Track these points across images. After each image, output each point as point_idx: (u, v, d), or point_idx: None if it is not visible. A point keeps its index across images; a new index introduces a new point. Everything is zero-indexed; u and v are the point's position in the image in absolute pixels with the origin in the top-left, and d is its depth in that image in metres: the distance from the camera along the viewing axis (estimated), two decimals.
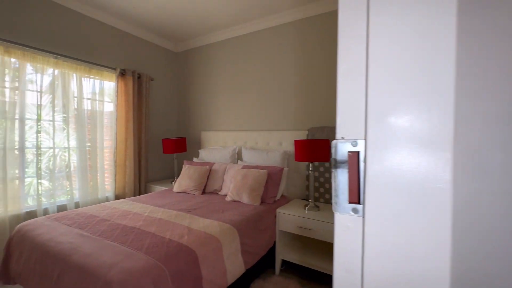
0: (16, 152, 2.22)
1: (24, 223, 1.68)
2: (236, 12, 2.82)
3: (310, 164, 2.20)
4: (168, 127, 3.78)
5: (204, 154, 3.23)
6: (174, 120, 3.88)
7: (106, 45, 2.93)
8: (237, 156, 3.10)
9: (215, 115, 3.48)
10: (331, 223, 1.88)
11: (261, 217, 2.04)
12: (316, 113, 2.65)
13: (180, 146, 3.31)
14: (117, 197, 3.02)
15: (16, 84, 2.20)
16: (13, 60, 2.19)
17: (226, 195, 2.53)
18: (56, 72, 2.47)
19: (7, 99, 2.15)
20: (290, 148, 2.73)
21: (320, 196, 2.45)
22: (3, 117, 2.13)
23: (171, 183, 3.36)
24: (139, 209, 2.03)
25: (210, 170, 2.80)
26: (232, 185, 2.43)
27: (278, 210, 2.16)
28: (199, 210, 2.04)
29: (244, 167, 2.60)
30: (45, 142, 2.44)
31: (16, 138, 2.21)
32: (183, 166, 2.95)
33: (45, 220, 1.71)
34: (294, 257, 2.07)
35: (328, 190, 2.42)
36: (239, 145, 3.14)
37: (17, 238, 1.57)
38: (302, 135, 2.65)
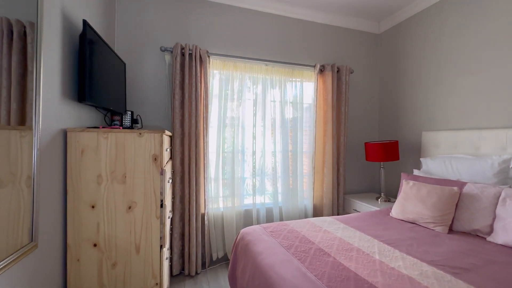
0: (240, 154, 2.47)
1: (246, 230, 1.65)
2: None
3: None
4: (370, 128, 3.05)
5: (434, 166, 2.14)
6: (377, 119, 3.07)
7: (304, 43, 2.74)
8: None
9: (448, 105, 2.26)
10: None
11: None
12: None
13: (390, 153, 2.45)
14: (315, 207, 2.73)
15: (240, 96, 2.45)
16: (239, 74, 2.46)
17: (511, 248, 1.36)
18: (266, 78, 2.55)
19: (234, 110, 2.43)
20: None
21: None
22: (231, 125, 2.42)
23: (377, 200, 2.58)
24: (359, 241, 1.45)
25: (460, 194, 1.71)
26: None
27: None
28: (474, 275, 1.10)
29: None
30: (258, 145, 2.58)
31: (240, 142, 2.46)
32: (403, 181, 2.07)
33: (262, 232, 1.58)
34: None
35: None
36: None
37: (241, 247, 1.52)
38: None
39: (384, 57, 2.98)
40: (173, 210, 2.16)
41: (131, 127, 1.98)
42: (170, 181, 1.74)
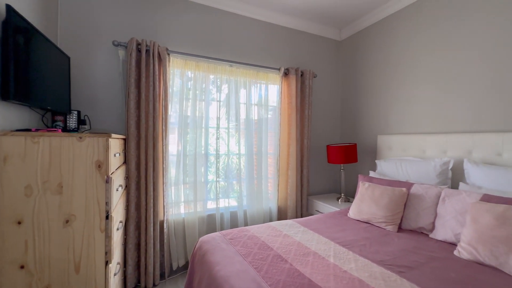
0: (203, 157, 2.37)
1: (204, 238, 1.58)
2: None
3: None
4: (332, 131, 3.16)
5: (387, 168, 2.28)
6: (339, 122, 3.20)
7: (269, 45, 2.75)
8: (451, 175, 1.92)
9: (400, 111, 2.44)
10: None
11: None
12: None
13: (349, 155, 2.57)
14: (279, 209, 2.74)
15: (203, 97, 2.36)
16: (202, 74, 2.36)
17: (450, 244, 1.49)
18: (230, 80, 2.50)
19: (197, 111, 2.33)
20: None
21: None
22: (194, 127, 2.32)
23: (337, 200, 2.69)
24: (316, 244, 1.47)
25: (408, 195, 1.84)
26: (469, 232, 1.35)
27: None
28: (418, 272, 1.18)
29: (488, 198, 1.43)
30: (222, 147, 2.51)
31: (203, 144, 2.37)
32: (360, 183, 2.17)
33: (221, 240, 1.52)
34: None
35: None
36: (455, 156, 1.93)
37: (199, 257, 1.45)
38: None
39: (345, 63, 3.12)
40: (127, 219, 1.99)
41: (76, 129, 1.77)
42: (121, 188, 1.59)
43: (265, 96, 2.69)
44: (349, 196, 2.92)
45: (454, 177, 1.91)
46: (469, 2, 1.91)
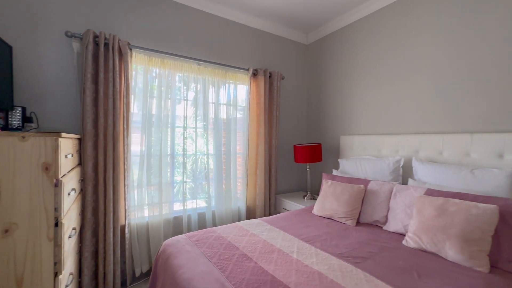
0: (169, 157, 2.29)
1: (169, 242, 1.53)
2: None
3: None
4: (299, 131, 3.27)
5: (348, 166, 2.44)
6: (305, 123, 3.33)
7: (238, 45, 2.75)
8: (402, 172, 2.11)
9: (360, 114, 2.62)
10: None
11: None
12: None
13: (315, 155, 2.69)
14: (248, 209, 2.77)
15: (170, 95, 2.28)
16: (168, 71, 2.27)
17: (400, 234, 1.64)
18: (199, 78, 2.45)
19: (163, 109, 2.24)
20: None
21: None
22: (159, 125, 2.23)
23: (304, 198, 2.79)
24: (281, 241, 1.52)
25: (366, 191, 1.98)
26: (415, 222, 1.51)
27: None
28: (371, 262, 1.28)
29: (431, 192, 1.61)
30: (190, 147, 2.45)
31: (169, 143, 2.28)
32: (324, 181, 2.29)
33: (186, 243, 1.49)
34: None
35: None
36: (405, 154, 2.13)
37: (162, 261, 1.40)
38: None
39: (312, 66, 3.26)
40: (83, 226, 1.84)
41: (21, 128, 1.59)
42: (74, 192, 1.47)
43: (234, 96, 2.69)
44: (315, 193, 3.06)
45: (405, 174, 2.11)
46: (417, 22, 2.12)
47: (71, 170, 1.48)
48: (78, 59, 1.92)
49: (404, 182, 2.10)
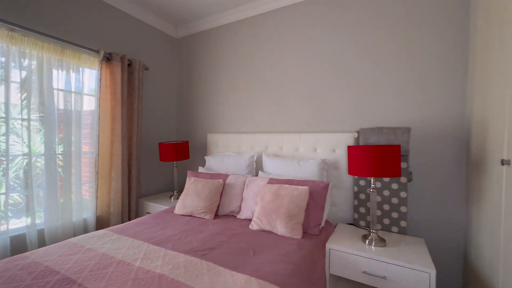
0: None
1: None
2: None
3: (372, 180, 1.56)
4: (166, 128, 3.08)
5: (213, 163, 2.54)
6: (174, 120, 3.18)
7: (85, 20, 2.24)
8: (256, 166, 2.43)
9: (225, 113, 2.80)
10: (413, 269, 1.23)
11: (312, 261, 1.37)
12: (368, 108, 2.01)
13: (181, 152, 2.62)
14: (99, 219, 2.30)
15: None
16: None
17: (249, 220, 1.87)
18: (12, 48, 1.76)
19: None
20: (329, 155, 2.08)
21: (377, 221, 1.80)
22: None
23: (170, 198, 2.66)
24: (127, 250, 1.33)
25: (224, 185, 2.12)
26: (258, 208, 1.75)
27: (329, 246, 1.51)
28: (218, 251, 1.36)
29: (272, 181, 1.93)
30: (15, 146, 1.73)
31: None
32: (187, 178, 2.26)
33: None
34: None
35: (388, 214, 1.77)
36: (258, 151, 2.47)
37: None
38: (348, 139, 2.01)
39: (181, 62, 3.16)
40: None
41: None
42: None
43: (77, 81, 2.15)
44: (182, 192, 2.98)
45: (258, 168, 2.44)
46: (266, 35, 2.51)
47: None
48: None
49: (257, 174, 2.42)
